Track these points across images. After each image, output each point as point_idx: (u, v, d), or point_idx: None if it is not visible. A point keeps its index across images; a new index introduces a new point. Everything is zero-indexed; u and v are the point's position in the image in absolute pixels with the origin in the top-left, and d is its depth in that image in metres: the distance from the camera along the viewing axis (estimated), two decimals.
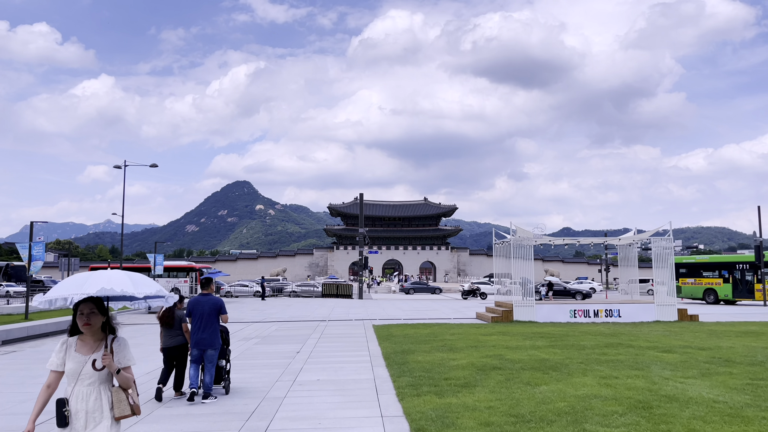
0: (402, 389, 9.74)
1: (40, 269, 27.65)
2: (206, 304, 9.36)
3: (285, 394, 9.74)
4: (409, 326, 21.54)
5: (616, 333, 18.59)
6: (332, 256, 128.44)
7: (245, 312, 32.61)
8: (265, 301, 45.31)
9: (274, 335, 19.56)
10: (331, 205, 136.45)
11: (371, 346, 16.01)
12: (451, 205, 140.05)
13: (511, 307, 23.86)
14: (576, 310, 23.62)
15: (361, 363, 12.94)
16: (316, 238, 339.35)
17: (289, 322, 24.84)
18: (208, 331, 9.26)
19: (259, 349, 15.89)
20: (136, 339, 18.84)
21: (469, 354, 13.72)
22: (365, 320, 25.55)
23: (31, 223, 27.91)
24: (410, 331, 19.64)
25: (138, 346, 16.79)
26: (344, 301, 44.28)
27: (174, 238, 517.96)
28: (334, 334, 19.45)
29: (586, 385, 9.90)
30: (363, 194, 55.94)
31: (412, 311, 31.78)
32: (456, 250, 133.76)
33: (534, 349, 14.51)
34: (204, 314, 9.28)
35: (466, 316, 28.13)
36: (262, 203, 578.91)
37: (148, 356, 14.59)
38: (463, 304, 38.60)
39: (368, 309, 34.12)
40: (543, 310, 23.59)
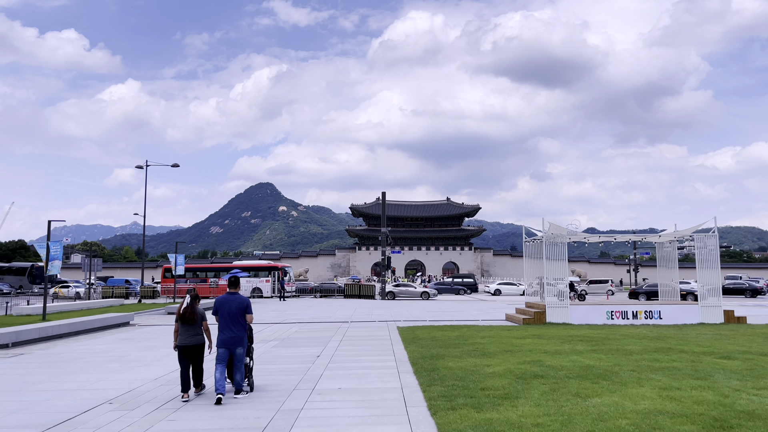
0: (434, 401, 8.61)
1: (59, 270, 27.13)
2: (233, 303, 9.21)
3: (302, 404, 8.69)
4: (436, 328, 20.38)
5: (662, 336, 17.18)
6: (354, 256, 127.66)
7: (265, 313, 31.74)
8: (285, 301, 44.49)
9: (293, 337, 18.56)
10: (353, 205, 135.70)
11: (397, 349, 14.90)
12: (474, 205, 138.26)
13: (543, 308, 22.53)
14: (613, 312, 22.21)
15: (387, 369, 11.84)
16: (339, 239, 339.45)
17: (309, 324, 23.86)
18: (236, 330, 9.13)
19: (278, 352, 14.89)
20: (149, 341, 18.01)
21: (504, 359, 12.52)
22: (389, 322, 24.45)
23: (48, 222, 27.41)
24: (437, 333, 18.48)
25: (151, 349, 15.93)
26: (367, 302, 43.24)
27: (199, 239, 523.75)
28: (356, 337, 18.39)
29: (645, 397, 8.65)
30: (385, 193, 54.85)
31: (438, 312, 30.58)
32: (479, 251, 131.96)
33: (575, 354, 13.24)
34: (231, 313, 9.15)
35: (495, 317, 26.84)
36: (285, 204, 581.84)
37: (159, 359, 13.69)
38: (490, 305, 37.25)
39: (391, 310, 33.00)
40: (578, 312, 22.22)
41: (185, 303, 9.36)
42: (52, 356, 14.65)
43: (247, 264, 55.81)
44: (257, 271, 52.47)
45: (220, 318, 9.20)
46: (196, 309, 9.36)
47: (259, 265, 54.83)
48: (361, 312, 31.31)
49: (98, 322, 21.95)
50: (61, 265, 27.11)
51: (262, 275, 51.77)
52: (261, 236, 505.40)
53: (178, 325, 9.31)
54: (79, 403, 9.05)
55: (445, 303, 41.39)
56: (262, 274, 51.90)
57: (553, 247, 22.63)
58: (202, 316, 9.43)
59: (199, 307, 9.50)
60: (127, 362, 13.42)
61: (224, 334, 9.12)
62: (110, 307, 35.70)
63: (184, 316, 9.24)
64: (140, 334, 20.24)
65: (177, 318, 9.32)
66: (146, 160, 52.13)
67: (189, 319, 9.24)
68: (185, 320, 9.24)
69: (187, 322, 9.25)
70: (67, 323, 19.87)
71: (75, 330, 20.06)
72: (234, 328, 9.14)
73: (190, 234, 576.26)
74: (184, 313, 9.25)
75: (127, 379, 11.08)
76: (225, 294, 9.46)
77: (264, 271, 52.57)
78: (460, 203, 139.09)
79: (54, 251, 26.93)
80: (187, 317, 9.24)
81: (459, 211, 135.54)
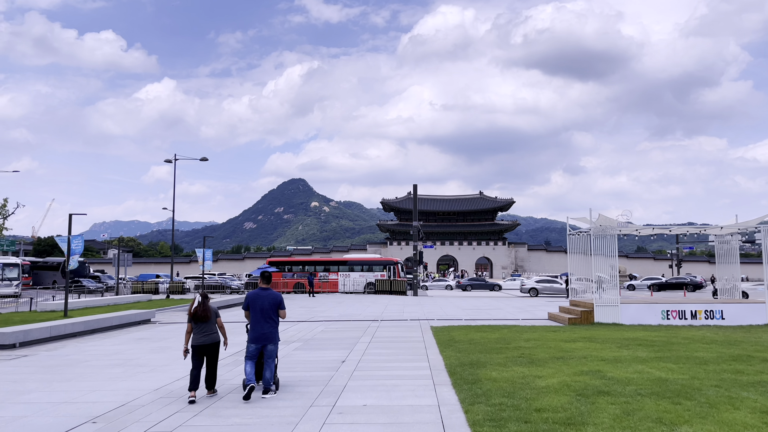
0: (479, 427, 6.97)
1: (77, 264, 26.32)
2: (266, 299, 9.01)
3: (320, 427, 7.17)
4: (473, 329, 18.69)
5: (733, 341, 15.13)
6: (385, 251, 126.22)
7: (293, 309, 30.46)
8: (315, 297, 43.26)
9: (318, 338, 17.12)
10: (384, 200, 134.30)
11: (431, 354, 13.29)
12: (508, 198, 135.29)
13: (590, 307, 20.61)
14: (669, 311, 20.15)
15: (420, 379, 10.25)
16: (371, 234, 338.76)
17: (337, 322, 22.43)
18: (269, 326, 8.94)
19: (299, 356, 13.45)
20: (163, 341, 16.79)
21: (557, 369, 10.78)
22: (422, 320, 22.85)
23: (69, 215, 26.58)
24: (475, 335, 16.79)
25: (163, 351, 14.67)
26: (398, 298, 41.69)
27: (233, 235, 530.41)
28: (386, 338, 16.83)
29: (748, 426, 6.85)
30: (416, 186, 53.11)
31: (473, 310, 28.82)
32: (513, 246, 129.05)
33: (639, 363, 11.41)
34: (265, 308, 8.94)
35: (536, 316, 24.96)
36: (317, 200, 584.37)
37: (167, 364, 12.38)
38: (529, 303, 35.28)
39: (424, 307, 31.38)
40: (629, 311, 20.23)
41: (196, 301, 9.00)
42: (55, 359, 13.50)
43: (360, 258, 54.04)
44: (371, 266, 50.68)
45: (252, 314, 8.98)
46: (209, 306, 9.02)
47: (374, 259, 53.05)
48: (392, 309, 29.77)
49: (116, 320, 20.93)
50: (78, 259, 26.29)
51: (377, 269, 49.98)
52: (294, 231, 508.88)
53: (191, 326, 8.94)
54: (58, 421, 7.72)
55: (481, 300, 39.53)
56: (376, 269, 50.10)
57: (601, 240, 20.68)
58: (216, 313, 9.09)
59: (212, 305, 9.15)
60: (133, 367, 12.14)
61: (256, 331, 8.91)
62: (136, 303, 34.96)
63: (197, 314, 8.88)
64: (157, 333, 19.10)
65: (189, 318, 8.95)
66: (175, 154, 51.51)
67: (202, 316, 8.87)
68: (198, 318, 8.88)
69: (200, 320, 8.88)
70: (82, 321, 18.85)
71: (90, 328, 19.04)
72: (266, 324, 8.93)
73: (224, 229, 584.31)
74: (195, 312, 8.88)
75: (125, 389, 9.76)
76: (257, 289, 9.18)
77: (378, 265, 50.73)
78: (494, 197, 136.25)
79: (75, 245, 26.14)
80: (200, 315, 8.88)
81: (492, 205, 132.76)
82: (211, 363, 9.00)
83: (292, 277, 50.57)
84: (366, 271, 49.93)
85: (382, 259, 52.75)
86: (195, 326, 8.91)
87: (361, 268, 50.16)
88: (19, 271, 49.70)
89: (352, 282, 50.18)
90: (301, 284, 49.69)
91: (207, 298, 9.13)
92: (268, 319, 8.95)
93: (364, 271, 49.89)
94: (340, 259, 53.52)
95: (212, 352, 8.96)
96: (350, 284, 50.11)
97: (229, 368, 11.56)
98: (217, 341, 9.02)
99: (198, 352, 8.85)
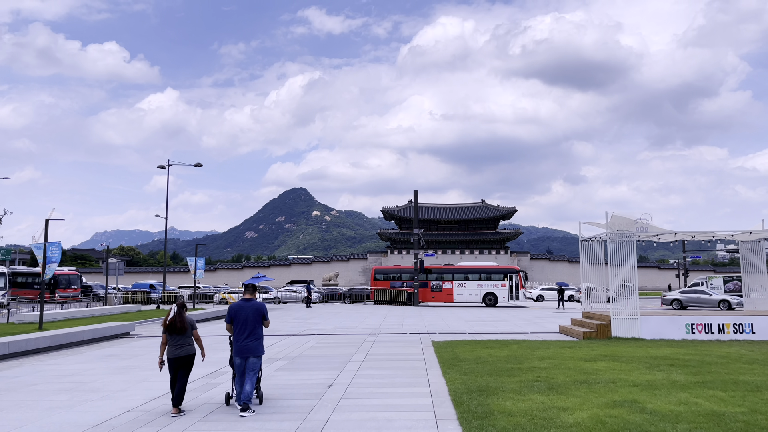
0: None
1: (53, 273, 24.57)
2: (249, 310, 8.73)
3: None
4: (479, 344, 16.89)
5: None
6: (386, 260, 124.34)
7: (286, 321, 28.70)
8: (311, 308, 41.42)
9: (306, 355, 15.34)
10: (385, 208, 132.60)
11: (432, 376, 11.51)
12: (510, 207, 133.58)
13: (606, 319, 18.82)
14: (694, 324, 18.34)
15: (420, 411, 8.48)
16: (371, 243, 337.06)
17: (330, 336, 20.64)
18: (252, 338, 8.62)
19: (280, 378, 11.67)
20: (133, 359, 15.01)
21: (583, 398, 9.00)
22: (422, 334, 21.06)
23: (46, 221, 24.90)
24: (482, 351, 15.00)
25: (127, 372, 12.90)
26: (398, 309, 39.86)
27: (234, 244, 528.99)
28: (382, 355, 15.05)
29: None
30: (417, 192, 51.44)
31: (477, 322, 27.00)
32: (516, 255, 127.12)
33: (679, 389, 9.62)
34: (248, 320, 8.65)
35: (545, 329, 23.16)
36: (318, 209, 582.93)
37: (125, 389, 10.61)
38: (535, 314, 33.43)
39: (425, 318, 29.56)
40: (650, 324, 18.42)
41: (172, 312, 8.61)
42: (1, 381, 11.74)
43: (477, 266, 49.95)
44: (490, 274, 46.93)
45: (235, 326, 8.69)
46: (185, 317, 8.65)
47: (493, 267, 49.47)
48: (391, 321, 27.96)
49: (89, 334, 19.17)
50: (56, 268, 24.57)
51: (497, 279, 46.10)
52: (295, 241, 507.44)
53: (166, 337, 8.58)
54: None
55: (484, 311, 37.68)
56: (496, 278, 46.21)
57: (617, 247, 18.91)
58: (192, 325, 8.76)
59: (189, 316, 8.79)
60: (83, 393, 10.37)
61: (240, 343, 8.58)
62: (123, 314, 33.25)
63: (173, 325, 8.50)
64: (130, 349, 17.32)
65: (164, 329, 8.59)
66: (168, 160, 49.89)
67: (179, 328, 8.51)
68: (174, 330, 8.51)
69: (176, 331, 8.52)
70: (48, 336, 17.09)
71: (57, 344, 17.26)
72: (250, 336, 8.62)
73: (225, 239, 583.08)
74: (171, 323, 8.50)
75: (57, 424, 8.01)
76: (239, 301, 8.94)
77: (498, 273, 46.83)
78: (496, 205, 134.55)
79: (52, 253, 24.41)
80: (177, 326, 8.51)
81: (494, 214, 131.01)
82: (183, 375, 8.58)
83: (401, 286, 47.38)
84: (484, 280, 46.23)
85: (503, 267, 49.07)
86: (170, 338, 8.54)
87: (479, 276, 46.55)
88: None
89: (468, 292, 46.33)
90: (411, 294, 46.33)
91: (184, 308, 8.76)
92: (252, 331, 8.63)
93: (482, 280, 46.20)
94: (456, 267, 49.74)
95: (187, 365, 8.60)
96: (466, 295, 46.44)
97: (197, 393, 9.80)
98: (192, 354, 8.65)
99: (173, 365, 8.50)
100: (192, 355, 8.64)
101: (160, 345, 8.61)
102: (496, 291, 45.17)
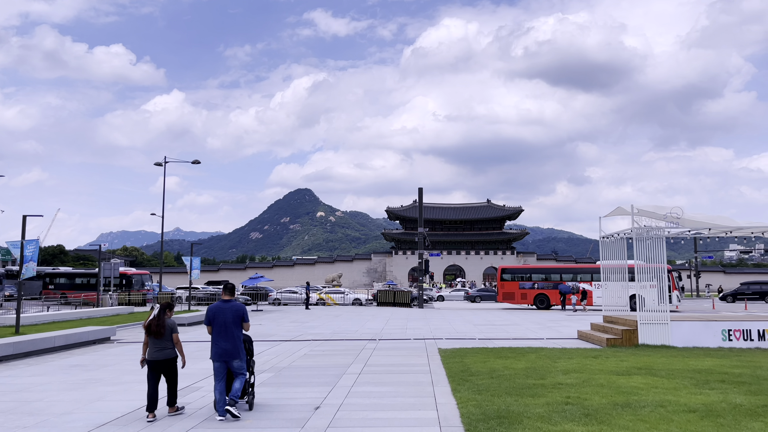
0: None
1: (34, 272, 22.89)
2: (229, 311, 8.43)
3: None
4: (492, 353, 15.04)
5: None
6: (391, 261, 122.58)
7: (282, 324, 26.92)
8: (310, 310, 39.59)
9: (296, 366, 13.54)
10: (389, 208, 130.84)
11: (441, 395, 9.69)
12: (517, 207, 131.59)
13: (633, 325, 16.97)
14: (731, 330, 16.45)
15: None
16: (376, 243, 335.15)
17: (327, 342, 18.84)
18: (231, 341, 8.33)
19: (260, 396, 9.85)
20: (100, 370, 13.24)
21: (632, 430, 7.15)
22: (427, 340, 19.24)
23: (23, 217, 23.19)
24: (496, 362, 13.15)
25: (85, 387, 11.12)
26: (402, 311, 38.01)
27: (239, 245, 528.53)
28: (382, 366, 13.23)
29: None
30: (422, 189, 49.55)
31: (487, 326, 25.14)
32: (522, 255, 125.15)
33: (749, 417, 7.76)
34: (227, 322, 8.34)
35: (562, 334, 21.31)
36: (323, 210, 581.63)
37: (71, 411, 8.83)
38: (548, 317, 31.51)
39: (430, 322, 27.71)
40: (682, 330, 16.55)
41: (153, 314, 8.51)
42: None
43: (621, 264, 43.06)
44: None
45: (213, 329, 8.42)
46: (164, 321, 8.49)
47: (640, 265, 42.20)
48: (393, 325, 26.14)
49: (61, 340, 17.41)
50: (35, 267, 22.86)
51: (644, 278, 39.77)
52: (300, 241, 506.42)
53: (147, 338, 8.49)
54: None
55: (493, 313, 35.78)
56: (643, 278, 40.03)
57: (645, 244, 17.05)
58: (172, 328, 8.55)
59: (170, 319, 8.60)
60: (18, 416, 8.59)
61: (219, 346, 8.35)
62: (114, 317, 31.65)
63: (149, 328, 8.40)
64: (102, 358, 15.56)
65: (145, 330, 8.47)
66: (165, 157, 48.25)
67: (155, 332, 8.39)
68: (151, 333, 8.40)
69: (153, 335, 8.40)
70: (8, 343, 15.27)
71: (22, 351, 15.51)
72: (229, 338, 8.34)
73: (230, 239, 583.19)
74: (149, 326, 8.40)
75: None
76: (218, 302, 8.60)
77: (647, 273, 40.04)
78: (502, 205, 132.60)
79: (29, 252, 22.72)
80: (153, 330, 8.39)
81: (500, 214, 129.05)
82: (169, 379, 8.49)
83: (532, 287, 42.06)
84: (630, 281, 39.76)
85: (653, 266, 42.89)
86: (150, 340, 8.43)
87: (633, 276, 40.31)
88: None
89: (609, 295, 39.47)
90: (544, 296, 41.57)
91: (170, 309, 8.61)
92: (231, 334, 8.34)
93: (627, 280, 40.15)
94: (592, 266, 43.08)
95: (167, 369, 8.46)
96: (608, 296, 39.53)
97: None
98: (171, 357, 8.48)
99: (152, 367, 8.39)
100: (171, 359, 8.45)
101: (143, 345, 8.51)
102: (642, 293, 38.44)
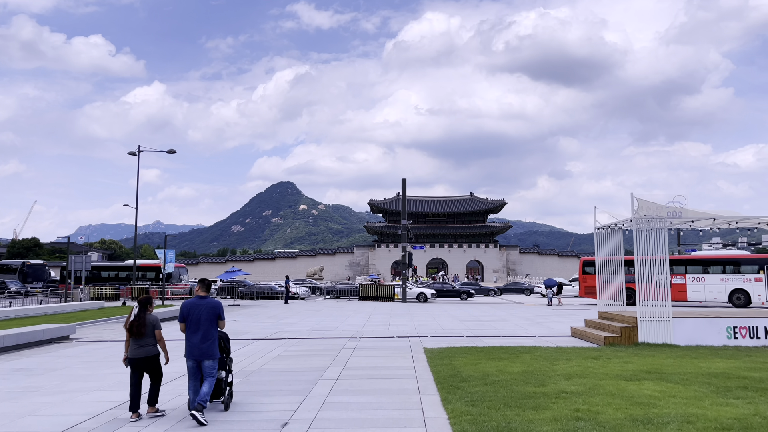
0: None
1: None
2: (203, 309, 8.11)
3: None
4: (482, 353, 13.80)
5: None
6: (373, 254, 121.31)
7: (259, 320, 25.48)
8: (289, 304, 38.14)
9: (267, 369, 12.16)
10: (372, 201, 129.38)
11: (429, 406, 8.40)
12: (500, 200, 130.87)
13: (632, 322, 15.83)
14: (737, 328, 15.40)
15: None
16: (359, 236, 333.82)
17: (303, 341, 17.48)
18: (206, 340, 8.00)
19: (219, 409, 8.48)
20: (45, 376, 11.73)
21: None
22: (411, 338, 17.97)
23: None
24: (489, 365, 11.89)
25: (20, 398, 9.64)
26: (385, 306, 36.74)
27: (220, 238, 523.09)
28: (363, 370, 11.91)
29: None
30: (405, 180, 48.31)
31: (474, 322, 23.96)
32: (505, 249, 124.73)
33: None
34: (201, 320, 8.01)
35: (554, 331, 20.19)
36: (306, 203, 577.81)
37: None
38: (535, 312, 30.46)
39: (415, 318, 26.48)
40: (684, 328, 15.46)
41: (133, 313, 8.17)
42: None
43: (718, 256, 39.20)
44: (739, 266, 35.60)
45: (187, 326, 8.08)
46: (146, 319, 8.15)
47: (743, 256, 37.70)
48: (376, 320, 24.85)
49: (10, 339, 15.83)
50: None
51: (747, 271, 35.22)
52: (282, 235, 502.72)
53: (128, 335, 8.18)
54: None
55: (479, 308, 34.65)
56: (747, 270, 35.29)
57: (644, 235, 15.93)
58: (154, 324, 8.22)
59: (151, 315, 8.27)
60: None
61: (192, 344, 8.01)
62: (79, 313, 29.93)
63: (131, 329, 8.09)
64: (53, 360, 14.03)
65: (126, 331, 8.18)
66: (138, 146, 46.23)
67: (136, 332, 8.08)
68: (131, 333, 8.09)
69: (134, 335, 8.10)
70: None
71: None
72: (203, 336, 7.98)
73: (211, 233, 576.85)
74: (131, 327, 8.08)
75: None
76: (193, 298, 8.28)
77: (751, 264, 35.45)
78: (485, 198, 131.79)
79: None
80: (134, 331, 8.09)
81: (483, 207, 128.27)
82: (152, 377, 8.23)
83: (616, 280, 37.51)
84: (731, 273, 35.64)
85: (757, 257, 37.73)
86: (131, 339, 8.18)
87: (722, 269, 36.08)
88: None
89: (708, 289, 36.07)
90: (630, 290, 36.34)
91: (148, 307, 8.28)
92: (206, 332, 8.03)
93: (727, 273, 35.76)
94: (689, 257, 39.38)
95: (148, 366, 8.18)
96: (705, 292, 36.26)
97: None
98: (152, 354, 8.21)
99: (134, 365, 8.16)
100: (153, 357, 8.17)
101: (125, 342, 8.25)
102: (747, 287, 34.31)
